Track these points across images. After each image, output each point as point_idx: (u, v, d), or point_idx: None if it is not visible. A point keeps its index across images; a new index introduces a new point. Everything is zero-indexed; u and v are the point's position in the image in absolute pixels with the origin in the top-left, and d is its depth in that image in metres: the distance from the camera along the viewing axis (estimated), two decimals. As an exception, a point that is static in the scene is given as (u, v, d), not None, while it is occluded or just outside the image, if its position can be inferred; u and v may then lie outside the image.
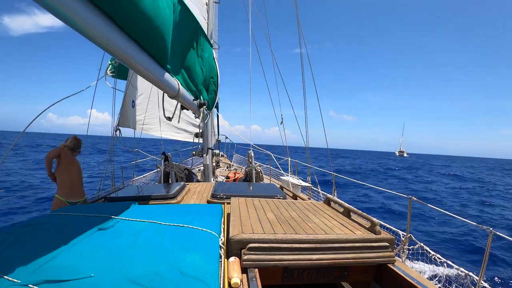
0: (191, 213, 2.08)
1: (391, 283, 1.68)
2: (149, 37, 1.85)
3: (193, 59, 3.25)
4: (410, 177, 25.29)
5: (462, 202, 13.62)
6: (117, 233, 1.65)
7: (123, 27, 1.58)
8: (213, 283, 1.18)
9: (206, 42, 3.79)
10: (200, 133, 5.62)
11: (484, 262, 2.23)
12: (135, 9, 1.56)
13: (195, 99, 3.54)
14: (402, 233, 3.28)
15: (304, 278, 1.66)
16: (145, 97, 6.69)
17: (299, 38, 6.64)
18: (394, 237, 1.87)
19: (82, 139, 3.80)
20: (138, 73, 2.03)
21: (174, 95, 2.65)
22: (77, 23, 1.26)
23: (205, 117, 4.65)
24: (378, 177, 24.07)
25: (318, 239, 1.67)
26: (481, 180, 26.07)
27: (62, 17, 1.19)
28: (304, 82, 6.65)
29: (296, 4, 6.64)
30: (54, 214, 2.07)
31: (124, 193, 3.13)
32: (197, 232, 1.69)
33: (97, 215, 1.94)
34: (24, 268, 1.18)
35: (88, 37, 1.37)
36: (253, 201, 2.52)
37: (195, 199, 3.13)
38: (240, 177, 6.22)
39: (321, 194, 5.42)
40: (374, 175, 25.54)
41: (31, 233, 1.62)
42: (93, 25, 1.34)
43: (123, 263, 1.27)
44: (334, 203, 2.62)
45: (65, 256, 1.31)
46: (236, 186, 3.95)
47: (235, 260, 1.51)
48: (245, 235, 1.62)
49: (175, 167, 5.42)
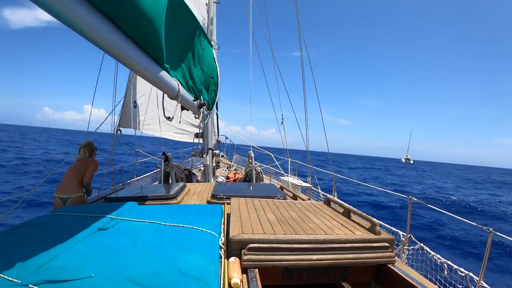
0: (191, 213, 2.08)
1: (391, 284, 1.68)
2: (148, 36, 1.83)
3: (193, 59, 3.25)
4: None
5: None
6: (117, 233, 1.65)
7: (120, 26, 1.57)
8: (213, 283, 1.19)
9: (206, 42, 3.79)
10: (200, 134, 5.62)
11: (484, 262, 2.23)
12: (133, 7, 1.54)
13: (195, 100, 3.54)
14: (402, 234, 3.28)
15: (304, 278, 1.66)
16: (147, 97, 6.69)
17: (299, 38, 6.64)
18: (394, 237, 1.87)
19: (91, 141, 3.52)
20: (137, 73, 2.02)
21: (174, 96, 2.65)
22: (74, 22, 1.24)
23: (205, 118, 4.65)
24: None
25: (318, 240, 1.67)
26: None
27: (58, 15, 1.17)
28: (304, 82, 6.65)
29: (297, 3, 6.65)
30: (54, 214, 2.07)
31: (124, 193, 3.13)
32: (197, 232, 1.69)
33: (97, 215, 1.94)
34: (24, 268, 1.18)
35: (86, 37, 1.36)
36: (253, 202, 2.52)
37: (195, 200, 3.13)
38: (240, 178, 6.23)
39: (321, 194, 5.42)
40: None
41: (31, 233, 1.62)
42: (90, 25, 1.32)
43: (123, 263, 1.27)
44: (334, 203, 2.62)
45: (65, 256, 1.31)
46: (236, 186, 3.95)
47: (235, 260, 1.51)
48: (245, 236, 1.62)
49: (175, 167, 5.42)
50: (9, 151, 22.46)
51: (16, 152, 21.46)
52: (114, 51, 1.58)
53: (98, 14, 1.37)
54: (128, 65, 1.79)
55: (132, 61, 1.77)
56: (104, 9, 1.40)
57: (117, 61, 1.75)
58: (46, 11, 1.14)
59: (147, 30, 1.78)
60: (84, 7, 1.27)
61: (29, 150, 25.00)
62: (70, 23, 1.24)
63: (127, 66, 1.80)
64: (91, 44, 1.45)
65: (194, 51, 3.25)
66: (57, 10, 1.15)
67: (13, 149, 23.89)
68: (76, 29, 1.29)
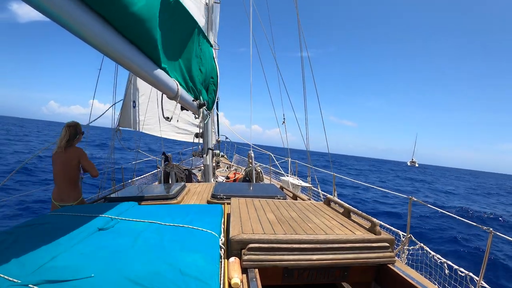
0: (191, 213, 2.08)
1: (391, 284, 1.68)
2: (143, 36, 1.82)
3: (192, 59, 3.24)
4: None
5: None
6: (117, 233, 1.65)
7: (115, 27, 1.56)
8: (213, 283, 1.18)
9: (205, 41, 3.78)
10: (200, 133, 5.62)
11: (484, 262, 2.24)
12: (126, 8, 1.53)
13: (194, 100, 3.54)
14: (402, 234, 3.28)
15: (304, 278, 1.66)
16: (147, 97, 6.69)
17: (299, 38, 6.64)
18: (394, 237, 1.87)
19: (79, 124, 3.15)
20: (134, 73, 2.01)
21: (173, 96, 2.64)
22: (68, 23, 1.23)
23: (205, 117, 4.65)
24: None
25: (318, 240, 1.67)
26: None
27: (51, 15, 1.15)
28: (304, 82, 6.66)
29: (297, 3, 6.65)
30: (54, 214, 2.07)
31: (124, 193, 3.13)
32: (197, 232, 1.69)
33: (97, 215, 1.94)
34: (24, 268, 1.18)
35: (81, 37, 1.35)
36: (253, 202, 2.52)
37: (195, 200, 3.13)
38: (240, 178, 6.23)
39: (321, 194, 5.42)
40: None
41: (31, 233, 1.62)
42: (85, 25, 1.31)
43: (123, 263, 1.27)
44: (334, 203, 2.62)
45: (65, 256, 1.31)
46: (236, 186, 3.95)
47: (235, 260, 1.51)
48: (245, 236, 1.62)
49: (175, 167, 5.42)
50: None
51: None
52: (109, 52, 1.56)
53: (92, 15, 1.36)
54: (125, 65, 1.78)
55: (129, 62, 1.76)
56: (98, 9, 1.39)
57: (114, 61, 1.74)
58: (40, 11, 1.12)
59: (142, 31, 1.77)
60: (78, 7, 1.26)
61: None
62: (64, 23, 1.23)
63: (124, 66, 1.79)
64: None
65: (193, 51, 3.24)
66: (51, 10, 1.14)
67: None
68: (71, 29, 1.28)
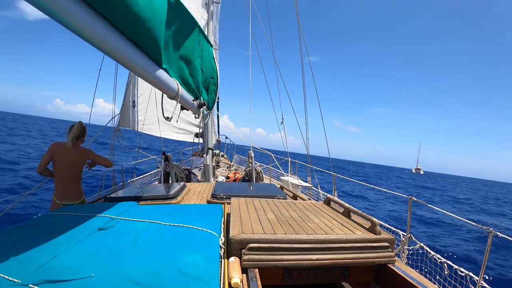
0: (191, 213, 2.08)
1: (391, 283, 1.68)
2: (144, 36, 1.82)
3: (193, 59, 3.24)
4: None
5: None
6: (117, 233, 1.65)
7: (117, 26, 1.56)
8: (213, 283, 1.18)
9: (205, 41, 3.78)
10: (200, 133, 5.62)
11: (484, 262, 2.24)
12: (128, 8, 1.53)
13: (194, 100, 3.54)
14: (402, 233, 3.28)
15: (304, 278, 1.66)
16: (146, 97, 6.69)
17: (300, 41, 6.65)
18: (394, 237, 1.87)
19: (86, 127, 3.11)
20: (135, 73, 2.02)
21: (174, 96, 2.65)
22: (70, 22, 1.23)
23: (205, 117, 4.65)
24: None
25: (318, 239, 1.67)
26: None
27: (53, 14, 1.16)
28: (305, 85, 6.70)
29: (296, 3, 6.65)
30: (54, 214, 2.07)
31: (124, 193, 3.12)
32: (197, 232, 1.69)
33: (97, 215, 1.94)
34: (24, 268, 1.18)
35: (82, 37, 1.35)
36: (253, 201, 2.52)
37: (195, 199, 3.13)
38: (240, 177, 6.23)
39: (321, 194, 5.43)
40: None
41: (31, 233, 1.62)
42: (87, 25, 1.32)
43: (123, 263, 1.27)
44: (334, 203, 2.62)
45: (65, 256, 1.31)
46: (236, 186, 3.95)
47: (235, 260, 1.51)
48: (245, 235, 1.62)
49: (175, 167, 5.42)
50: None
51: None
52: (111, 52, 1.57)
53: (94, 14, 1.37)
54: (126, 65, 1.78)
55: (130, 62, 1.76)
56: (100, 9, 1.39)
57: (115, 61, 1.75)
58: (42, 11, 1.13)
59: (143, 31, 1.78)
60: (80, 7, 1.26)
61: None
62: (66, 23, 1.24)
63: (124, 66, 1.80)
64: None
65: (194, 51, 3.24)
66: (52, 10, 1.14)
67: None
68: (73, 29, 1.28)
